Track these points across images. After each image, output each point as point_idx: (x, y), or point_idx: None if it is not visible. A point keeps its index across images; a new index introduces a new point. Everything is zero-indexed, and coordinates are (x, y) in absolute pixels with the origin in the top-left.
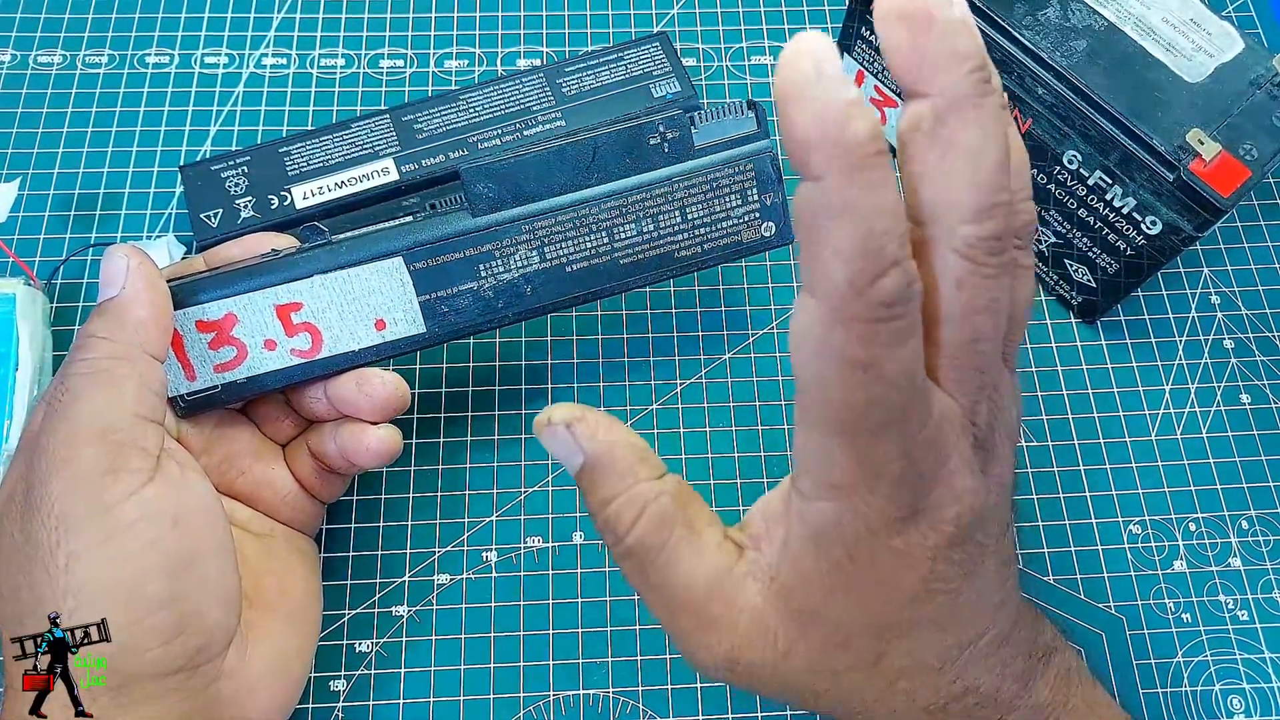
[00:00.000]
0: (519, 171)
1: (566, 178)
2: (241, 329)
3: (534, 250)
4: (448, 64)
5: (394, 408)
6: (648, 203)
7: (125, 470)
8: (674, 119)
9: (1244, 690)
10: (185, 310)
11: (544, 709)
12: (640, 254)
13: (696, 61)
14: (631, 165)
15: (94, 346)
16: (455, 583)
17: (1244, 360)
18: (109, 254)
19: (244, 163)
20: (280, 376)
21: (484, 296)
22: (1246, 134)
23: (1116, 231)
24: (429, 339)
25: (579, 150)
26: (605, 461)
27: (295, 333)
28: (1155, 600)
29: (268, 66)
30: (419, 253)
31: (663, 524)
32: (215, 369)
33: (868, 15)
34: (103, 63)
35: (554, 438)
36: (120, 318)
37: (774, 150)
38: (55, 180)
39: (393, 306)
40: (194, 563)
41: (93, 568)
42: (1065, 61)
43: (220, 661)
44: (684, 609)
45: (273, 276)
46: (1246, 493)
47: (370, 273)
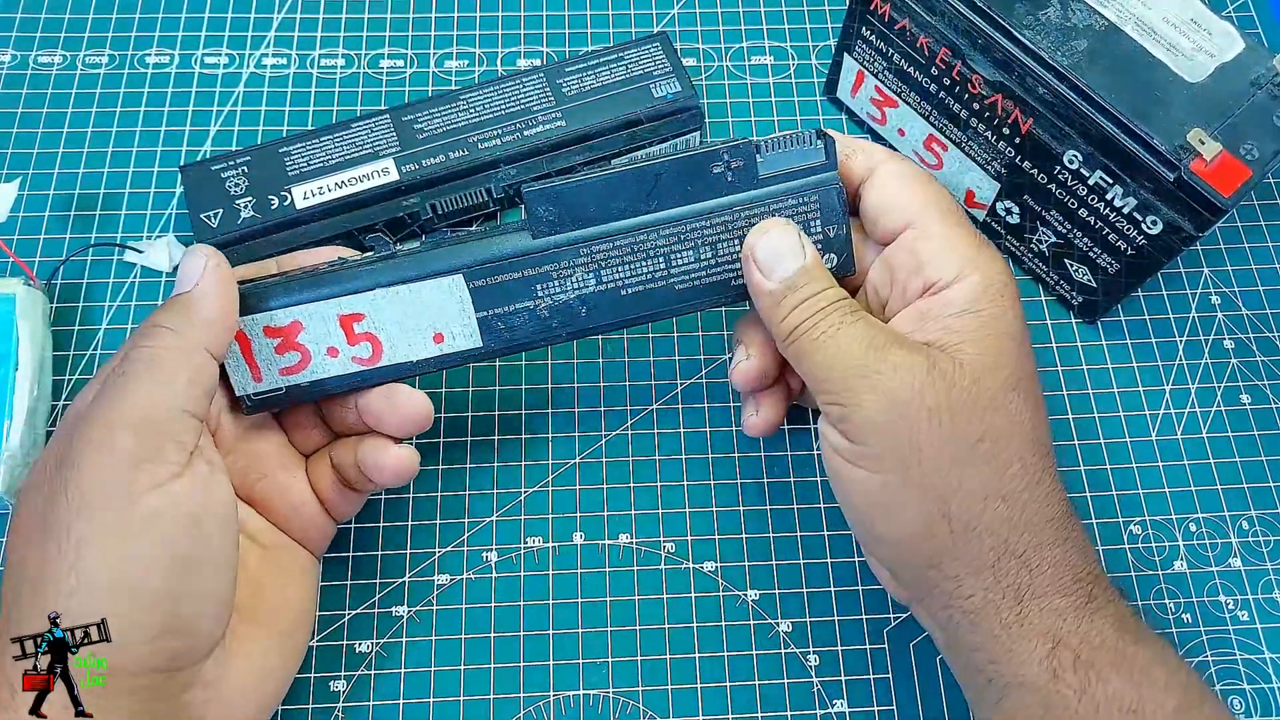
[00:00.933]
0: (580, 195)
1: (627, 203)
2: (306, 336)
3: (591, 273)
4: (448, 64)
5: (419, 423)
6: (707, 230)
7: (158, 460)
8: (739, 148)
9: (1244, 690)
10: (254, 316)
11: (544, 709)
12: (696, 280)
13: (696, 61)
14: (693, 193)
15: (156, 335)
16: (455, 583)
17: (1244, 360)
18: (190, 252)
19: (244, 163)
20: (341, 382)
21: (540, 315)
22: (1247, 134)
23: (1117, 231)
24: (484, 353)
25: (642, 176)
26: (820, 263)
27: (357, 341)
28: (1155, 601)
29: (268, 66)
30: (479, 271)
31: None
32: (280, 372)
33: (868, 15)
34: (103, 63)
35: (787, 236)
36: (188, 312)
37: (839, 182)
38: (55, 180)
39: (451, 321)
40: (197, 566)
41: (102, 553)
42: (1066, 61)
43: (199, 668)
44: (888, 332)
45: (338, 287)
46: (1247, 493)
47: (431, 288)
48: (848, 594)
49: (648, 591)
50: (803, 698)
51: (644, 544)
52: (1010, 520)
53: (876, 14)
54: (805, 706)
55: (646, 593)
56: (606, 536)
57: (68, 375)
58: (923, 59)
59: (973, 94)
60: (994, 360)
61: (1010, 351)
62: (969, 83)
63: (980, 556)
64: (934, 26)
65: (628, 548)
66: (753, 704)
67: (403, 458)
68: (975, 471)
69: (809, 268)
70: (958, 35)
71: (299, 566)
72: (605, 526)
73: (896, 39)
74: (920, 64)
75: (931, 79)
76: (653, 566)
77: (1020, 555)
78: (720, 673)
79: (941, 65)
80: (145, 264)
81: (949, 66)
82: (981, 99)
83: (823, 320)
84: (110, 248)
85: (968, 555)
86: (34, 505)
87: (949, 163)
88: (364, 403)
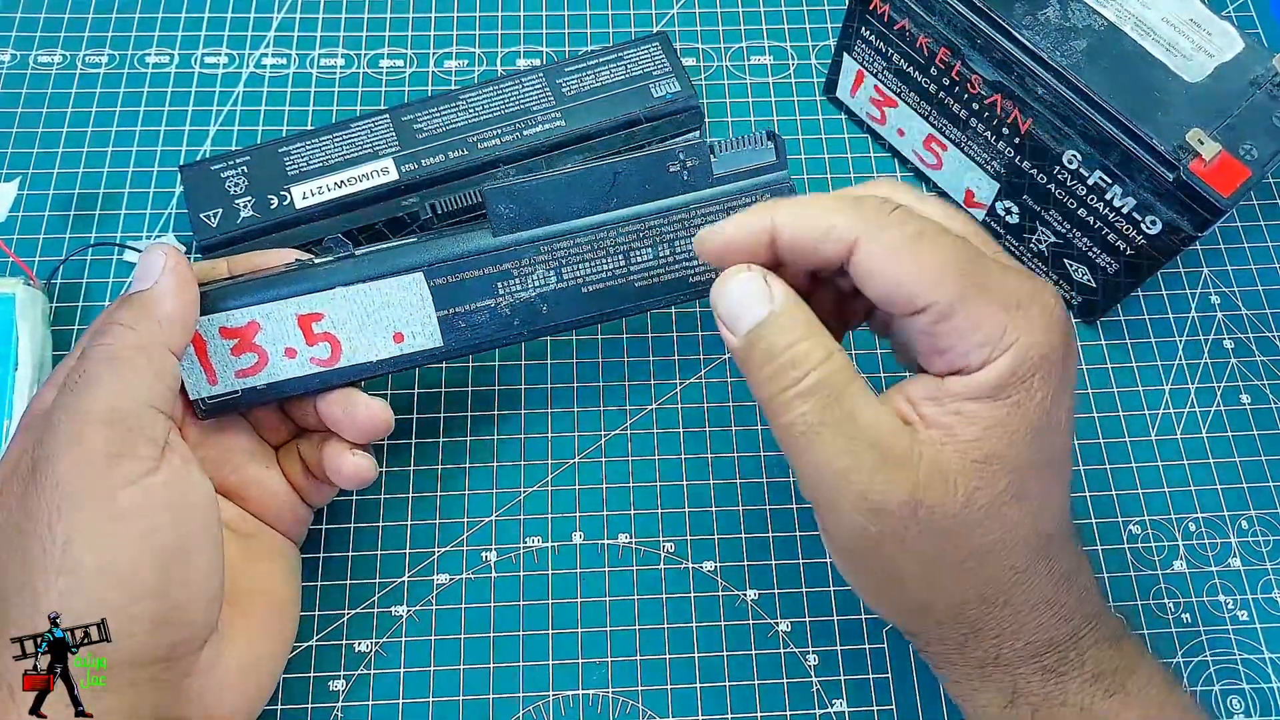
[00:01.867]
0: (540, 193)
1: (587, 201)
2: (263, 336)
3: (551, 270)
4: (447, 64)
5: (375, 433)
6: (665, 228)
7: (132, 456)
8: (694, 147)
9: (1244, 690)
10: (210, 316)
11: (543, 709)
12: (655, 277)
13: (696, 61)
14: (651, 191)
15: (115, 333)
16: (454, 583)
17: (1244, 360)
18: (149, 249)
19: (244, 162)
20: (299, 384)
21: (501, 314)
22: (1246, 134)
23: (1116, 231)
24: (446, 353)
25: (600, 175)
26: (795, 309)
27: (315, 342)
28: (1155, 600)
29: (267, 66)
30: (439, 269)
31: (848, 367)
32: (236, 374)
33: (868, 15)
34: (102, 62)
35: (750, 282)
36: (146, 310)
37: (790, 181)
38: (55, 180)
39: (411, 320)
40: (186, 556)
41: (89, 548)
42: (1065, 61)
43: (197, 657)
44: (868, 443)
45: (296, 287)
46: (1246, 493)
47: (391, 287)
48: (847, 594)
49: (647, 591)
50: (802, 698)
51: (643, 544)
52: (985, 615)
53: (876, 14)
54: (804, 706)
55: (646, 592)
56: (606, 536)
57: None
58: (922, 59)
59: (972, 94)
60: (1001, 465)
61: (1024, 447)
62: (968, 83)
63: (949, 639)
64: (933, 26)
65: (627, 548)
66: (752, 704)
67: (358, 465)
68: (956, 584)
69: (778, 316)
70: (957, 35)
71: (280, 553)
72: (604, 526)
73: (896, 39)
74: (920, 64)
75: (931, 79)
76: (652, 566)
77: (994, 637)
78: (720, 673)
79: (941, 65)
80: None
81: (948, 66)
82: (981, 99)
83: (800, 405)
84: (110, 247)
85: (937, 636)
86: (5, 509)
87: (948, 162)
88: (323, 408)
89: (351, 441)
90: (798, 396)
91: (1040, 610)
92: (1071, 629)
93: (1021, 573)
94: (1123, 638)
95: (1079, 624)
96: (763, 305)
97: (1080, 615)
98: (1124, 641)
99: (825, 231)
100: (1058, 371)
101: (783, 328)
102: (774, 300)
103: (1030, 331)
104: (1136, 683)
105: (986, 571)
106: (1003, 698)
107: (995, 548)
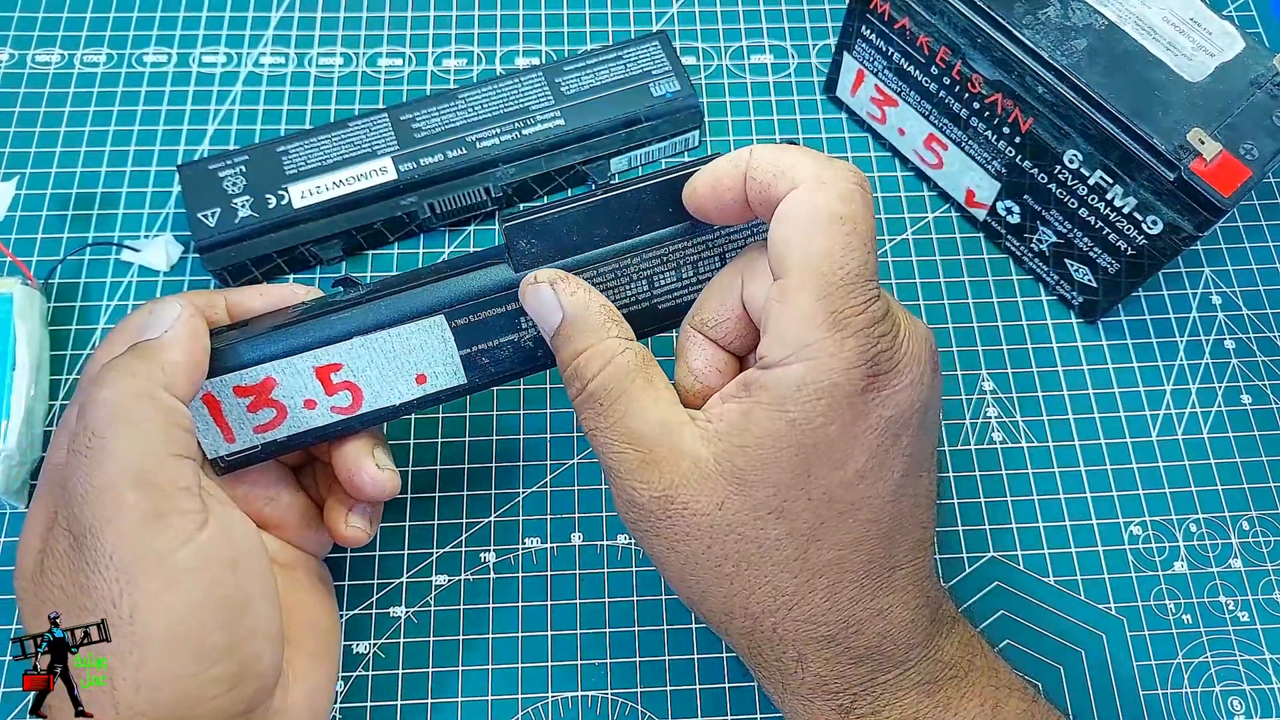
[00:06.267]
0: (560, 226)
1: (610, 230)
2: (280, 391)
3: None
4: (446, 63)
5: (376, 499)
6: (689, 250)
7: (174, 513)
8: None
9: (1244, 691)
10: (221, 378)
11: (542, 710)
12: (678, 299)
13: (696, 61)
14: (674, 215)
15: (113, 382)
16: (453, 584)
17: (1245, 360)
18: (164, 301)
19: (241, 162)
20: (320, 433)
21: (524, 347)
22: (1247, 133)
23: (1117, 231)
24: (469, 389)
25: (622, 203)
26: (581, 317)
27: (335, 391)
28: (1156, 601)
29: (266, 65)
30: (461, 310)
31: (625, 373)
32: (255, 430)
33: (868, 14)
34: (100, 62)
35: (538, 295)
36: (152, 357)
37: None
38: (53, 179)
39: (434, 361)
40: (248, 605)
41: (156, 618)
42: (1066, 61)
43: (271, 701)
44: (630, 444)
45: (310, 338)
46: (1247, 493)
47: (411, 331)
48: None
49: (646, 592)
50: None
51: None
52: (756, 634)
53: (876, 13)
54: None
55: (645, 594)
56: (605, 537)
57: (65, 375)
58: (923, 58)
59: (973, 93)
60: (756, 477)
61: (784, 468)
62: (969, 82)
63: (745, 656)
64: (934, 25)
65: (626, 549)
66: (751, 704)
67: (355, 527)
68: (717, 585)
69: (567, 324)
70: (957, 34)
71: (316, 576)
72: (604, 527)
73: (896, 38)
74: (920, 63)
75: (931, 78)
76: (651, 567)
77: (776, 663)
78: (719, 673)
79: (941, 64)
80: (142, 263)
81: (949, 65)
82: (981, 98)
83: (581, 412)
84: (107, 247)
85: (738, 650)
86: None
87: (949, 162)
88: (335, 459)
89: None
90: (580, 404)
91: (823, 646)
92: (865, 672)
93: (790, 597)
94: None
95: (874, 668)
96: (554, 314)
97: (879, 658)
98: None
99: (784, 169)
100: (854, 413)
101: (567, 337)
102: (563, 309)
103: (838, 361)
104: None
105: (744, 581)
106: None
107: (751, 558)
